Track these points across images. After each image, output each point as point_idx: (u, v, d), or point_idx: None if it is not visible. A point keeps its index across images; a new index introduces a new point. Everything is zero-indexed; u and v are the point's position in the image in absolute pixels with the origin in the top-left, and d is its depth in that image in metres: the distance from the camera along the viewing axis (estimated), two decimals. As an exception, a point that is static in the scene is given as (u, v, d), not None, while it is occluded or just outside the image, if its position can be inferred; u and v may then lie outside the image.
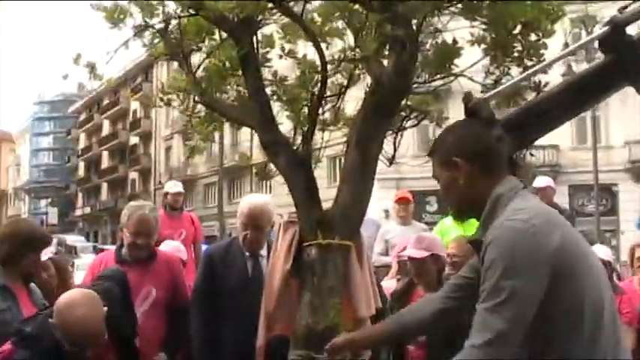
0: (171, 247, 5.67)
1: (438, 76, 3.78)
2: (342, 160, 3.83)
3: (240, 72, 3.99)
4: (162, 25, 4.17)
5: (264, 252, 4.59)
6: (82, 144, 77.38)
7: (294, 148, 3.79)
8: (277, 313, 3.55)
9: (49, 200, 76.55)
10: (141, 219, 4.70)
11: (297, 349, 3.32)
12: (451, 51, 3.64)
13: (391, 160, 4.23)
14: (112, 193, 64.32)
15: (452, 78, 3.84)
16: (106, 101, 66.87)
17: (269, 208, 4.64)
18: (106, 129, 69.40)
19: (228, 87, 4.32)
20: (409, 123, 4.22)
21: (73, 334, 3.37)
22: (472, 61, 3.83)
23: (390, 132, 4.18)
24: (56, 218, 68.87)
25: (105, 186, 66.72)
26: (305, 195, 3.53)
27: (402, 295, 5.00)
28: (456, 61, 3.76)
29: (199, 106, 4.46)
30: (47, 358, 3.35)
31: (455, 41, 3.66)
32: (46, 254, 4.96)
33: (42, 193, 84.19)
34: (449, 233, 7.44)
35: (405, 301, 5.00)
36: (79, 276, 5.38)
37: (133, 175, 62.91)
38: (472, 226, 2.55)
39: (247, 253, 4.64)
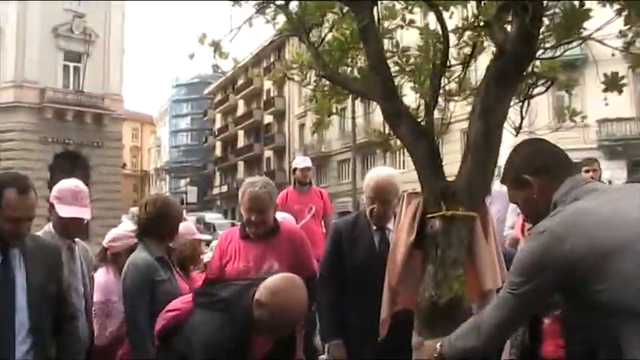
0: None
1: (566, 40, 3.62)
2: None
3: (361, 44, 3.96)
4: (283, 1, 4.20)
5: (391, 225, 4.58)
6: (218, 124, 79.48)
7: (418, 119, 3.74)
8: (401, 286, 3.52)
9: (188, 180, 79.06)
10: (252, 196, 4.77)
11: (420, 322, 3.28)
12: (579, 13, 3.47)
13: (518, 130, 4.11)
14: (248, 171, 65.70)
15: (580, 42, 3.68)
16: (240, 82, 68.25)
17: (395, 181, 4.64)
18: (241, 109, 70.97)
19: (350, 60, 4.31)
20: (536, 90, 4.08)
21: (288, 316, 3.38)
22: (602, 23, 3.65)
23: (517, 100, 4.06)
24: (195, 197, 71.12)
25: (241, 164, 68.33)
26: (428, 166, 3.48)
27: None
28: (585, 24, 3.60)
29: (323, 81, 4.47)
30: (238, 327, 3.37)
31: (582, 3, 3.49)
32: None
33: (181, 172, 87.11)
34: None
35: None
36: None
37: (268, 153, 64.13)
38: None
39: (374, 227, 4.64)
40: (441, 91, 3.97)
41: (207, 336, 3.37)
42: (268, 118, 64.09)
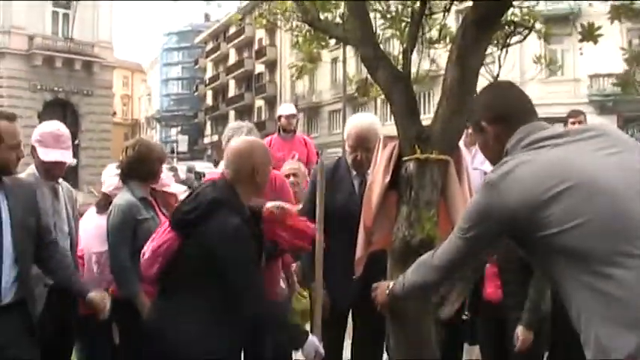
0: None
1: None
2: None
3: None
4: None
5: (370, 171, 4.67)
6: (209, 73, 79.07)
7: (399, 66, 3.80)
8: (375, 227, 3.62)
9: (179, 128, 78.81)
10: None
11: (393, 261, 3.40)
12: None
13: (495, 78, 4.19)
14: (240, 120, 65.56)
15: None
16: (231, 30, 67.75)
17: (376, 129, 4.68)
18: (233, 58, 70.55)
19: (333, 7, 4.36)
20: (514, 39, 4.14)
21: (252, 153, 3.65)
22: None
23: (496, 49, 4.13)
24: (186, 146, 70.97)
25: (232, 114, 68.16)
26: (404, 110, 3.56)
27: None
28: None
29: (306, 27, 4.52)
30: (236, 209, 3.53)
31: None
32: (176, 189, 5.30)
33: (172, 121, 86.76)
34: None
35: None
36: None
37: (259, 102, 63.98)
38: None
39: (354, 173, 4.73)
40: (422, 38, 4.04)
41: (224, 236, 3.43)
42: (260, 68, 63.78)
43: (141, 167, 4.74)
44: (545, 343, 5.02)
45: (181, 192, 5.42)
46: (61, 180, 4.83)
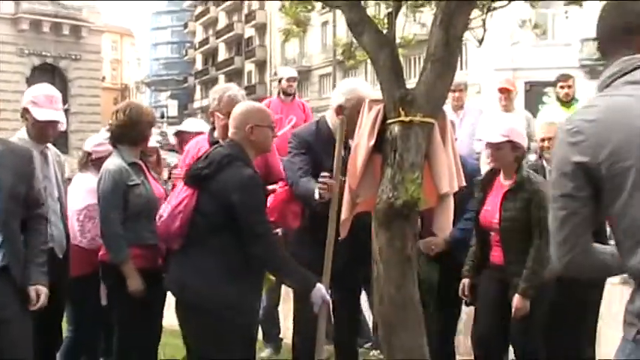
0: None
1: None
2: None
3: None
4: None
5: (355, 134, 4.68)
6: (199, 37, 78.54)
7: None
8: (360, 189, 3.67)
9: (169, 93, 78.53)
10: (230, 99, 4.89)
11: (377, 222, 3.45)
12: None
13: (480, 42, 4.21)
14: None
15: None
16: (221, -7, 67.28)
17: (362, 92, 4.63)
18: (222, 21, 70.07)
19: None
20: (498, 3, 4.16)
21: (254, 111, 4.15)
22: None
23: (481, 12, 4.15)
24: (176, 110, 70.85)
25: (222, 78, 67.77)
26: (389, 74, 3.58)
27: (485, 181, 5.15)
28: None
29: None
30: (246, 162, 3.96)
31: None
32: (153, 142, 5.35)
33: (162, 86, 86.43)
34: (553, 117, 7.48)
35: (486, 187, 5.14)
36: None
37: (249, 66, 63.70)
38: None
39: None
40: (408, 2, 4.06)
41: (239, 184, 3.81)
42: (250, 32, 63.37)
43: (131, 131, 4.76)
44: (542, 312, 5.09)
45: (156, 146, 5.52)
46: (49, 145, 4.86)
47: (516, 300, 4.83)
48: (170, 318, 5.08)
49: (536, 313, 4.96)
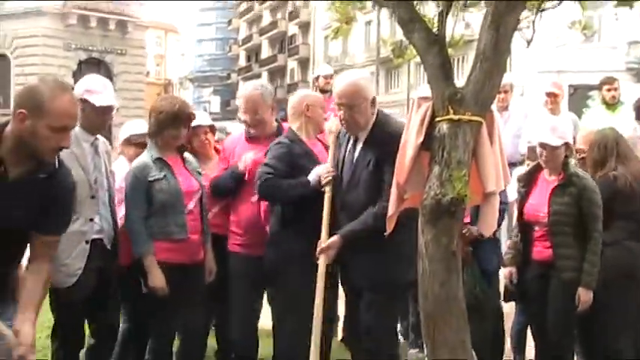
0: None
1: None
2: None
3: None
4: None
5: (364, 135, 4.65)
6: (242, 34, 78.93)
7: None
8: (408, 185, 3.71)
9: (212, 89, 79.00)
10: (245, 97, 5.09)
11: (424, 219, 3.49)
12: None
13: (529, 42, 4.23)
14: (272, 81, 65.54)
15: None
16: (265, -9, 67.55)
17: (361, 85, 4.64)
18: (266, 18, 70.33)
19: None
20: (549, 4, 4.17)
21: None
22: None
23: (530, 13, 4.16)
24: (218, 106, 71.30)
25: (265, 75, 68.14)
26: (438, 72, 3.61)
27: (528, 177, 5.26)
28: None
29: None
30: None
31: None
32: (203, 122, 5.43)
33: (205, 82, 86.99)
34: (598, 120, 7.49)
35: (530, 182, 5.24)
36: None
37: (292, 64, 63.87)
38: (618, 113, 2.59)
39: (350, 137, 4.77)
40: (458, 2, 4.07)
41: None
42: (293, 29, 63.57)
43: (162, 129, 4.89)
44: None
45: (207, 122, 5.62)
46: (99, 136, 4.97)
47: (582, 293, 4.96)
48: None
49: (574, 312, 5.03)
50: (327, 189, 4.68)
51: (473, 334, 3.60)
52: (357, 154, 4.62)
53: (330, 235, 4.59)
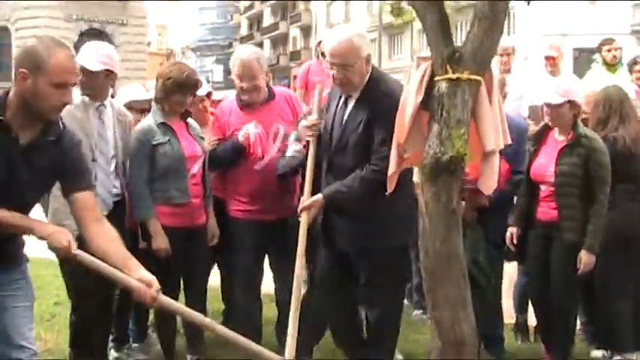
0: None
1: None
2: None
3: None
4: None
5: (356, 94, 4.50)
6: (244, 2, 78.47)
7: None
8: (407, 144, 3.74)
9: (214, 58, 78.78)
10: (242, 63, 5.05)
11: (424, 177, 3.52)
12: None
13: (528, 2, 4.26)
14: (274, 49, 65.44)
15: None
16: (266, -42, 67.05)
17: (354, 42, 4.41)
18: (267, -14, 69.89)
19: None
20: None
21: None
22: None
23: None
24: (221, 75, 71.04)
25: (267, 43, 67.97)
26: (436, 31, 3.63)
27: (537, 136, 5.23)
28: None
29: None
30: None
31: None
32: (203, 91, 5.44)
33: (207, 51, 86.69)
34: (598, 81, 7.49)
35: (539, 141, 5.21)
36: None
37: (294, 31, 63.58)
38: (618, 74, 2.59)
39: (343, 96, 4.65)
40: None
41: None
42: (294, -4, 63.25)
43: (168, 96, 4.91)
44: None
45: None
46: (112, 103, 4.97)
47: (584, 256, 4.94)
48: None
49: (578, 274, 5.04)
50: (312, 145, 4.63)
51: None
52: (347, 114, 4.49)
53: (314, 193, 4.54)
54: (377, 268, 4.49)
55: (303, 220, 4.46)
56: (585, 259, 4.97)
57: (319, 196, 4.46)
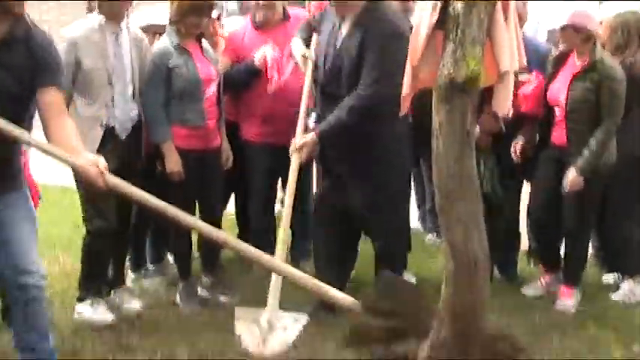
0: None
1: None
2: None
3: None
4: None
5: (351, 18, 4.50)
6: None
7: None
8: (422, 64, 3.70)
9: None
10: None
11: (438, 97, 3.50)
12: None
13: None
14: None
15: None
16: None
17: None
18: None
19: None
20: None
21: None
22: None
23: None
24: (235, 4, 70.11)
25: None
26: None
27: (557, 60, 5.19)
28: None
29: None
30: None
31: None
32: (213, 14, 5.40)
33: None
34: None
35: (558, 64, 5.18)
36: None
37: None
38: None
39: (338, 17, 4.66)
40: None
41: None
42: None
43: (183, 17, 4.87)
44: (597, 196, 5.17)
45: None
46: (130, 27, 4.94)
47: (571, 174, 4.91)
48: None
49: (591, 199, 5.04)
50: (307, 79, 4.66)
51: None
52: (340, 40, 4.46)
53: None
54: (373, 189, 4.51)
55: (295, 161, 4.43)
56: (571, 177, 4.98)
57: (312, 135, 4.43)
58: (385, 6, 4.52)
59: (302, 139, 4.48)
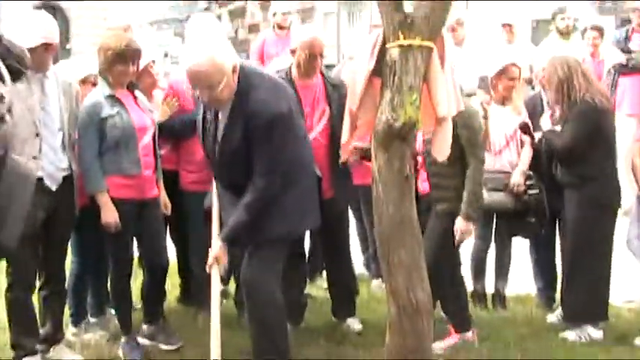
0: None
1: None
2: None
3: None
4: None
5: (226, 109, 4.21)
6: (201, -25, 77.61)
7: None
8: (360, 112, 3.75)
9: (173, 32, 77.91)
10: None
11: (377, 143, 3.53)
12: None
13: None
14: (232, 22, 64.82)
15: None
16: None
17: (217, 60, 3.99)
18: (225, -43, 69.16)
19: None
20: None
21: None
22: None
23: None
24: (179, 49, 70.29)
25: (225, 15, 67.23)
26: (388, -2, 3.62)
27: None
28: None
29: None
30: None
31: None
32: (147, 62, 5.35)
33: (164, 24, 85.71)
34: (552, 48, 7.61)
35: None
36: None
37: (253, 4, 63.05)
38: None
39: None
40: None
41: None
42: (252, -32, 62.69)
43: (111, 67, 4.85)
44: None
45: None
46: (57, 75, 4.84)
47: (458, 224, 4.80)
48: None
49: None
50: (214, 197, 4.61)
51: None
52: (221, 131, 4.18)
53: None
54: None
55: (215, 273, 4.24)
56: (461, 226, 4.79)
57: (218, 245, 4.23)
58: (258, 85, 4.11)
59: (212, 253, 4.26)
